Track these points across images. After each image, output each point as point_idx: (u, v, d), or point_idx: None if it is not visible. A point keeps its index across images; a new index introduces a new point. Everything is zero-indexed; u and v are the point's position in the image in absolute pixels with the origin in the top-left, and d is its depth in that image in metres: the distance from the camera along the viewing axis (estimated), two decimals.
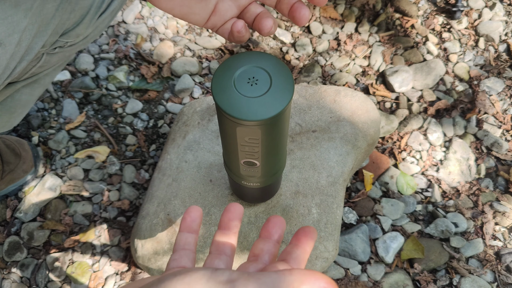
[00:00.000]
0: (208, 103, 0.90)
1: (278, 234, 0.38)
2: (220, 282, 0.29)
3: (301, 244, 0.36)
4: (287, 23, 1.20)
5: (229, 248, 0.39)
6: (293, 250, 0.35)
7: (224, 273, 0.30)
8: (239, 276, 0.30)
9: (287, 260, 0.35)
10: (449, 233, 0.94)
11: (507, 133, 1.06)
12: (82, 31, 0.58)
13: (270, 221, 0.39)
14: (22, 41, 0.48)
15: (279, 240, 0.38)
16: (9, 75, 0.52)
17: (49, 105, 1.06)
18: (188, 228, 0.40)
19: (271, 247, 0.37)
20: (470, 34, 1.19)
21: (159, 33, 1.17)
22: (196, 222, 0.40)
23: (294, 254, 0.35)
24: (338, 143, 0.82)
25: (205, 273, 0.31)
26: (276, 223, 0.38)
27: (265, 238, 0.38)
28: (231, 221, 0.39)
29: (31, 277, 0.90)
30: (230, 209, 0.39)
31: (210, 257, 0.38)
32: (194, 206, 0.41)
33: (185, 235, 0.40)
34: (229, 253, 0.38)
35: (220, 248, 0.39)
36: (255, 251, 0.38)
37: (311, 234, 0.36)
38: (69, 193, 0.97)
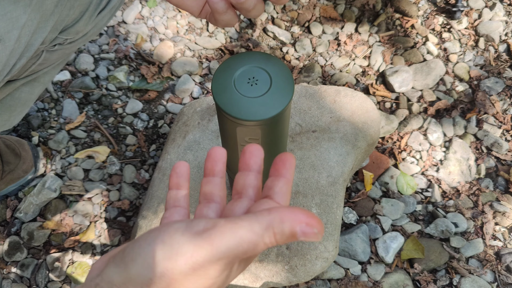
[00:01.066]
0: (208, 103, 0.90)
1: (257, 164, 0.36)
2: (195, 233, 0.29)
3: (281, 175, 0.34)
4: (287, 23, 1.20)
5: (217, 194, 0.37)
6: (274, 184, 0.33)
7: (200, 223, 0.29)
8: (215, 223, 0.29)
9: (270, 195, 0.33)
10: (449, 233, 0.94)
11: (507, 133, 1.06)
12: (82, 28, 0.58)
13: (246, 151, 0.36)
14: (21, 37, 0.48)
15: (259, 170, 0.36)
16: (9, 72, 0.52)
17: (49, 105, 1.06)
18: (176, 185, 0.38)
19: (252, 179, 0.35)
20: (470, 34, 1.19)
21: (159, 33, 1.17)
22: (183, 177, 0.38)
23: (276, 188, 0.33)
24: (338, 143, 0.82)
25: (180, 225, 0.30)
26: (252, 152, 0.36)
27: (244, 171, 0.36)
28: (215, 166, 0.37)
29: (31, 277, 0.90)
30: (212, 154, 0.37)
31: (199, 207, 0.37)
32: (180, 161, 0.39)
33: (174, 192, 0.38)
34: (218, 200, 0.37)
35: (208, 196, 0.37)
36: (237, 188, 0.36)
37: (289, 161, 0.34)
38: (69, 193, 0.97)
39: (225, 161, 0.38)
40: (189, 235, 0.29)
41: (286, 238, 0.28)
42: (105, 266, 0.32)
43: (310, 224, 0.28)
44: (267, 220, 0.28)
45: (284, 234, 0.28)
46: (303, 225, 0.28)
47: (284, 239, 0.28)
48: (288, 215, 0.28)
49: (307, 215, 0.28)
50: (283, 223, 0.28)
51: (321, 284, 0.89)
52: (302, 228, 0.28)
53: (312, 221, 0.28)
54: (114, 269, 0.31)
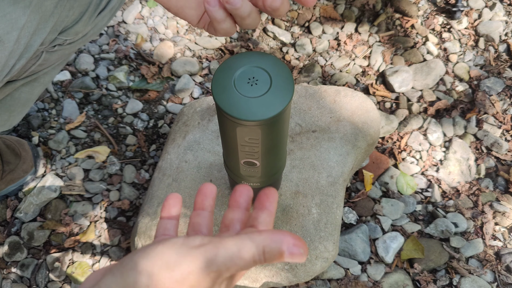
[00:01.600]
0: (208, 103, 0.90)
1: (246, 202, 0.39)
2: (192, 247, 0.31)
3: (265, 207, 0.37)
4: (287, 23, 1.20)
5: (205, 227, 0.39)
6: (258, 215, 0.36)
7: (196, 239, 0.32)
8: (210, 240, 0.32)
9: (255, 225, 0.36)
10: (449, 233, 0.94)
11: (507, 133, 1.06)
12: (81, 28, 0.58)
13: (237, 190, 0.39)
14: (21, 38, 0.48)
15: (247, 207, 0.39)
16: (8, 73, 0.52)
17: (49, 105, 1.06)
18: (167, 215, 0.40)
19: (240, 215, 0.38)
20: (470, 34, 1.19)
21: (159, 33, 1.17)
22: (175, 208, 0.41)
23: (260, 219, 0.36)
24: (338, 143, 0.82)
25: (177, 240, 0.32)
26: (242, 192, 0.39)
27: (233, 208, 0.39)
28: (204, 201, 0.40)
29: (31, 277, 0.90)
30: (203, 190, 0.40)
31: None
32: (173, 193, 0.42)
33: (165, 222, 0.40)
34: (206, 232, 0.39)
35: (196, 228, 0.39)
36: (226, 222, 0.38)
37: (272, 195, 0.37)
38: (69, 193, 0.97)
39: (215, 197, 0.41)
40: (186, 249, 0.31)
41: (274, 257, 0.31)
42: (102, 277, 0.33)
43: (297, 245, 0.30)
44: (259, 239, 0.31)
45: (273, 253, 0.30)
46: (291, 245, 0.30)
47: (272, 258, 0.31)
48: (277, 236, 0.31)
49: (294, 237, 0.31)
50: (273, 242, 0.30)
51: (321, 284, 0.89)
52: (290, 248, 0.30)
53: (298, 243, 0.30)
54: (111, 279, 0.32)
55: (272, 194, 0.37)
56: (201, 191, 0.40)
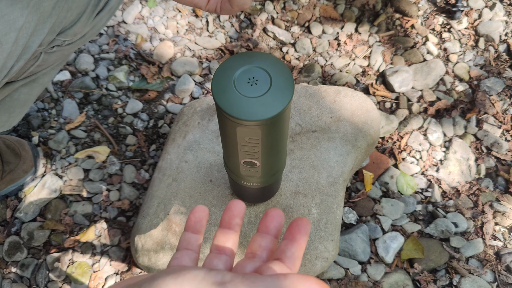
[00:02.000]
0: (208, 103, 0.90)
1: (276, 229, 0.37)
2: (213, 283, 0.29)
3: (295, 240, 0.35)
4: (287, 23, 1.20)
5: (230, 248, 0.38)
6: (287, 248, 0.34)
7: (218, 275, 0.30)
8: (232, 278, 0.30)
9: (282, 259, 0.34)
10: (449, 233, 0.94)
11: (507, 133, 1.06)
12: (80, 29, 0.58)
13: (268, 215, 0.37)
14: (19, 39, 0.48)
15: (277, 235, 0.37)
16: (7, 74, 0.52)
17: (49, 105, 1.06)
18: (192, 228, 0.39)
19: (268, 243, 0.37)
20: (470, 34, 1.19)
21: (159, 33, 1.17)
22: (200, 223, 0.39)
23: (288, 252, 0.34)
24: (338, 143, 0.82)
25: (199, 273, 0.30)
26: (274, 217, 0.37)
27: (262, 233, 0.37)
28: (232, 220, 0.38)
29: (31, 277, 0.90)
30: (231, 207, 0.38)
31: (209, 256, 0.38)
32: (200, 205, 0.40)
33: (189, 235, 0.39)
34: (229, 253, 0.38)
35: (220, 247, 0.38)
36: (253, 248, 0.37)
37: (304, 227, 0.35)
38: (69, 193, 0.97)
39: (243, 216, 0.39)
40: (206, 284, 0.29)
41: None
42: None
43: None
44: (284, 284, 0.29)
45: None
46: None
47: None
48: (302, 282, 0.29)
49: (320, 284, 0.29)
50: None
51: None
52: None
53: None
54: None
55: (305, 225, 0.35)
56: (230, 209, 0.38)
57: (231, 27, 1.19)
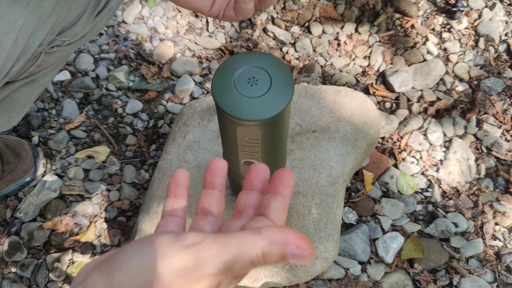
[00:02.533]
0: (208, 103, 0.90)
1: (261, 184, 0.35)
2: (183, 246, 0.28)
3: (278, 193, 0.33)
4: (287, 23, 1.20)
5: (215, 208, 0.36)
6: (270, 201, 0.33)
7: (188, 237, 0.29)
8: (203, 238, 0.29)
9: (266, 213, 0.32)
10: (449, 233, 0.94)
11: (507, 133, 1.06)
12: (80, 29, 0.58)
13: (252, 170, 0.35)
14: (18, 40, 0.48)
15: (263, 190, 0.35)
16: (7, 74, 0.52)
17: (49, 105, 1.06)
18: (174, 193, 0.37)
19: (254, 199, 0.35)
20: (470, 34, 1.19)
21: (159, 33, 1.17)
22: (182, 187, 0.38)
23: (272, 206, 0.32)
24: (338, 143, 0.82)
25: (168, 237, 0.29)
26: (258, 171, 0.35)
27: (247, 190, 0.35)
28: (214, 178, 0.37)
29: (31, 277, 0.90)
30: (212, 166, 0.37)
31: (195, 219, 0.36)
32: (180, 169, 0.38)
33: (171, 200, 0.37)
34: (216, 213, 0.36)
35: (205, 208, 0.36)
36: (239, 206, 0.35)
37: (287, 178, 0.33)
38: (69, 193, 0.97)
39: (225, 174, 0.37)
40: (176, 248, 0.28)
41: (275, 259, 0.28)
42: (91, 272, 0.31)
43: (301, 246, 0.27)
44: (257, 240, 0.28)
45: (273, 255, 0.27)
46: (293, 247, 0.27)
47: (273, 260, 0.28)
48: (278, 236, 0.27)
49: (298, 237, 0.27)
50: (272, 244, 0.27)
51: (321, 284, 0.89)
52: (292, 250, 0.27)
53: (303, 244, 0.27)
54: (98, 276, 0.30)
55: (287, 177, 0.33)
56: (211, 168, 0.37)
57: (231, 27, 1.19)
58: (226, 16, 0.49)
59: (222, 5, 0.49)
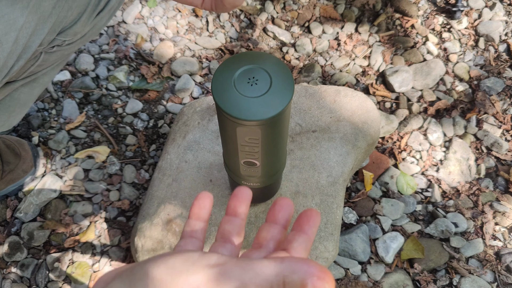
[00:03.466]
0: (208, 103, 0.90)
1: (284, 218, 0.35)
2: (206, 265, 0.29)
3: (303, 231, 0.33)
4: (287, 23, 1.20)
5: (235, 236, 0.36)
6: (294, 238, 0.33)
7: (212, 257, 0.29)
8: (226, 261, 0.29)
9: (289, 249, 0.32)
10: (449, 233, 0.94)
11: (507, 133, 1.06)
12: (80, 29, 0.58)
13: (277, 204, 0.35)
14: (19, 39, 0.48)
15: (285, 225, 0.35)
16: (7, 74, 0.52)
17: (49, 105, 1.06)
18: (196, 215, 0.38)
19: (276, 233, 0.35)
20: (470, 34, 1.19)
21: (159, 33, 1.17)
22: (205, 210, 0.38)
23: (295, 243, 0.33)
24: (338, 143, 0.82)
25: (192, 255, 0.30)
26: (282, 206, 0.35)
27: (270, 223, 0.35)
28: (238, 207, 0.37)
29: (31, 277, 0.90)
30: (237, 194, 0.37)
31: (214, 244, 0.36)
32: (205, 192, 0.38)
33: (193, 222, 0.37)
34: (235, 242, 0.36)
35: (226, 235, 0.36)
36: (260, 238, 0.35)
37: (313, 218, 0.33)
38: (69, 193, 0.97)
39: (249, 203, 0.37)
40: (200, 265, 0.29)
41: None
42: (111, 281, 0.31)
43: (322, 278, 0.27)
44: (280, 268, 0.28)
45: (294, 284, 0.27)
46: (315, 278, 0.27)
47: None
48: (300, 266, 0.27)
49: (320, 269, 0.27)
50: (294, 273, 0.27)
51: None
52: (313, 282, 0.27)
53: (324, 276, 0.27)
54: (119, 285, 0.30)
55: (314, 217, 0.33)
56: (236, 195, 0.36)
57: (231, 27, 1.19)
58: (218, 7, 0.50)
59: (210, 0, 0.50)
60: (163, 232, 0.78)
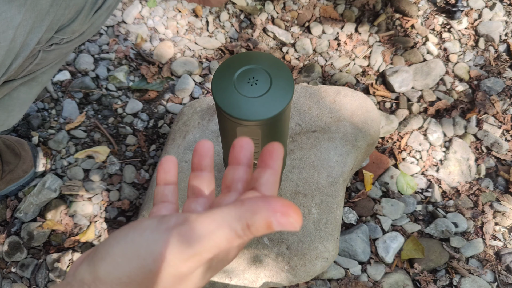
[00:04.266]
0: (208, 103, 0.90)
1: (247, 158, 0.34)
2: (167, 228, 0.28)
3: (268, 166, 0.32)
4: (287, 23, 1.20)
5: (205, 189, 0.36)
6: (260, 175, 0.32)
7: (171, 218, 0.28)
8: (186, 218, 0.28)
9: (256, 187, 0.31)
10: (449, 233, 0.94)
11: (507, 133, 1.06)
12: (78, 27, 0.58)
13: (236, 145, 0.35)
14: (16, 37, 0.48)
15: (249, 164, 0.35)
16: (5, 72, 0.52)
17: (49, 105, 1.06)
18: (164, 181, 0.37)
19: (241, 173, 0.34)
20: (470, 34, 1.19)
21: (159, 33, 1.17)
22: (170, 173, 0.37)
23: (262, 179, 0.31)
24: (338, 143, 0.82)
25: (152, 222, 0.29)
26: (242, 145, 0.34)
27: (233, 165, 0.34)
28: (202, 161, 0.36)
29: (31, 277, 0.90)
30: (199, 149, 0.36)
31: (187, 202, 0.36)
32: (167, 156, 0.38)
33: (162, 188, 0.37)
34: (206, 194, 0.36)
35: (196, 190, 0.36)
36: (226, 182, 0.34)
37: (276, 151, 0.32)
38: (69, 193, 0.97)
39: (212, 155, 0.37)
40: (158, 232, 0.28)
41: (262, 229, 0.26)
42: (80, 264, 0.31)
43: (286, 213, 0.26)
44: (240, 212, 0.26)
45: (259, 225, 0.26)
46: (278, 215, 0.26)
47: (260, 231, 0.26)
48: (261, 205, 0.26)
49: (283, 204, 0.26)
50: (256, 214, 0.26)
51: (321, 284, 0.89)
52: (277, 218, 0.26)
53: (288, 210, 0.26)
54: (85, 268, 0.30)
55: (276, 150, 0.32)
56: (197, 150, 0.36)
57: (231, 27, 1.19)
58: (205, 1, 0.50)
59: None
60: None
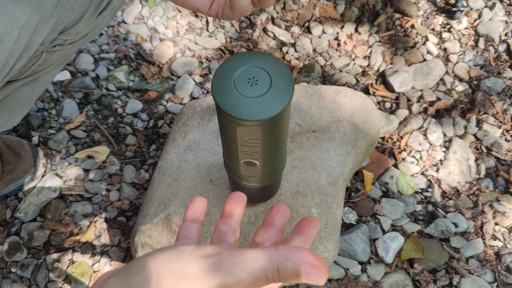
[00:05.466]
0: (208, 103, 0.90)
1: (281, 222, 0.36)
2: (202, 256, 0.29)
3: (302, 233, 0.34)
4: (287, 23, 1.20)
5: (231, 237, 0.37)
6: (293, 238, 0.34)
7: (207, 248, 0.30)
8: (221, 251, 0.29)
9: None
10: (449, 233, 0.94)
11: (507, 133, 1.06)
12: (82, 28, 0.58)
13: (274, 208, 0.37)
14: (21, 38, 0.48)
15: (282, 229, 0.36)
16: (8, 73, 0.52)
17: (49, 105, 1.06)
18: (191, 218, 0.39)
19: (273, 234, 0.36)
20: (470, 34, 1.19)
21: (159, 33, 1.17)
22: (199, 212, 0.39)
23: (294, 242, 0.33)
24: (338, 143, 0.82)
25: (187, 247, 0.30)
26: (279, 210, 0.36)
27: (267, 226, 0.36)
28: (233, 209, 0.38)
29: (31, 277, 0.90)
30: (232, 197, 0.38)
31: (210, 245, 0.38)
32: (199, 196, 0.39)
33: (188, 225, 0.38)
34: (231, 242, 0.37)
35: (221, 236, 0.37)
36: (256, 239, 0.36)
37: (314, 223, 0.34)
38: (69, 193, 0.97)
39: (244, 206, 0.38)
40: (194, 257, 0.29)
41: (290, 276, 0.28)
42: (108, 279, 0.32)
43: (316, 265, 0.27)
44: (273, 255, 0.28)
45: (288, 271, 0.28)
46: (308, 265, 0.27)
47: (287, 278, 0.28)
48: (294, 253, 0.28)
49: (314, 256, 0.28)
50: (288, 260, 0.28)
51: None
52: (307, 269, 0.27)
53: (318, 263, 0.28)
54: (115, 281, 0.31)
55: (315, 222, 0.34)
56: (231, 198, 0.38)
57: (231, 27, 1.19)
58: (225, 15, 0.50)
59: (220, 3, 0.50)
60: (163, 232, 0.78)
